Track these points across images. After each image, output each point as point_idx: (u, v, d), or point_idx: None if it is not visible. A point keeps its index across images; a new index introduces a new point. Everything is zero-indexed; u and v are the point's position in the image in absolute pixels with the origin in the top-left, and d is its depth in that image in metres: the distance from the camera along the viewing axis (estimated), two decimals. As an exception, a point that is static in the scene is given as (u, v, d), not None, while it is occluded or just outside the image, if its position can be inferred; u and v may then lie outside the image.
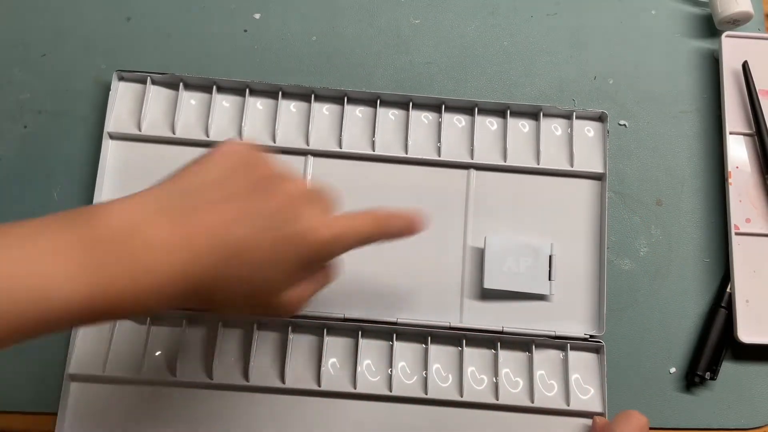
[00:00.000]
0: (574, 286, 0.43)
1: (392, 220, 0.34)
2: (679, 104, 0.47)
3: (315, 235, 0.30)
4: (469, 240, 0.43)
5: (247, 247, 0.28)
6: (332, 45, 0.47)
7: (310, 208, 0.30)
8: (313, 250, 0.30)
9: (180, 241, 0.27)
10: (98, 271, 0.25)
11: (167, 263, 0.27)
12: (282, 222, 0.29)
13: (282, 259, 0.29)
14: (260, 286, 0.30)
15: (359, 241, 0.32)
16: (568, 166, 0.44)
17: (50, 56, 0.46)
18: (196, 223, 0.28)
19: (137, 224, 0.27)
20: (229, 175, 0.30)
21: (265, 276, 0.29)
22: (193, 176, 0.29)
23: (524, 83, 0.47)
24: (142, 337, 0.41)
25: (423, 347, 0.42)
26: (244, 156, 0.31)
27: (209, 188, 0.29)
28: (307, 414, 0.41)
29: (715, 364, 0.42)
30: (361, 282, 0.43)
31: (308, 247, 0.30)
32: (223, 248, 0.28)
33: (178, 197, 0.28)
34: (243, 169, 0.30)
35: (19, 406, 0.41)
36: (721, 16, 0.46)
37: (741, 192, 0.44)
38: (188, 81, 0.44)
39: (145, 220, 0.27)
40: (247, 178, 0.30)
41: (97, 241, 0.26)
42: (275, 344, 0.42)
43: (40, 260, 0.25)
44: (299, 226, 0.29)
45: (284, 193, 0.30)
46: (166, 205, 0.28)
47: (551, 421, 0.41)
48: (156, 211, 0.27)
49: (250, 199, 0.29)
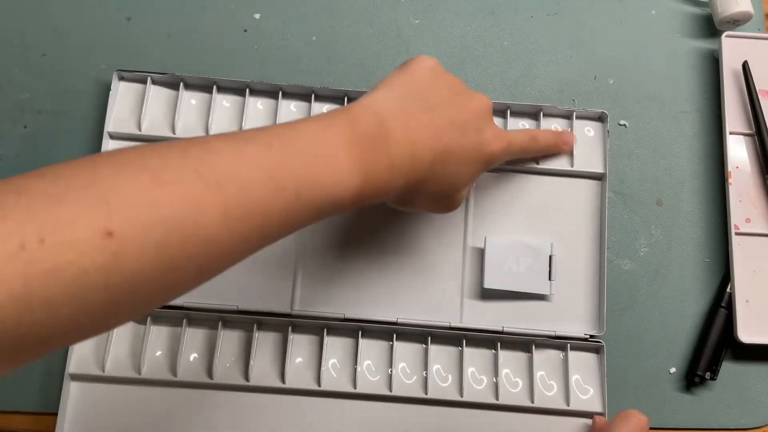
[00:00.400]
0: (574, 286, 0.43)
1: (542, 136, 0.42)
2: (679, 104, 0.47)
3: (491, 146, 0.35)
4: (469, 240, 0.43)
5: (452, 150, 0.33)
6: (332, 45, 0.47)
7: (490, 121, 0.36)
8: (489, 158, 0.36)
9: (409, 139, 0.32)
10: (366, 164, 0.30)
11: (404, 157, 0.32)
12: (474, 132, 0.34)
13: (472, 162, 0.35)
14: (455, 183, 0.35)
15: (519, 153, 0.40)
16: (568, 166, 0.44)
17: (50, 56, 0.46)
18: (416, 127, 0.32)
19: (386, 125, 0.31)
20: (433, 86, 0.34)
21: (461, 174, 0.35)
22: (408, 84, 0.34)
23: (524, 83, 0.47)
24: (142, 337, 0.41)
25: (423, 347, 0.42)
26: (439, 70, 0.35)
27: (419, 97, 0.34)
28: (307, 414, 0.41)
29: (715, 364, 0.42)
30: (361, 282, 0.43)
31: (488, 155, 0.35)
32: (438, 149, 0.33)
33: (402, 102, 0.33)
34: (441, 82, 0.35)
35: (19, 406, 0.41)
36: (721, 16, 0.46)
37: (741, 192, 0.44)
38: (188, 81, 0.44)
39: (388, 120, 0.32)
40: (447, 90, 0.35)
41: (360, 138, 0.30)
42: (275, 344, 0.42)
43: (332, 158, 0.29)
44: (483, 136, 0.35)
45: (475, 106, 0.35)
46: (396, 109, 0.32)
47: (551, 421, 0.41)
48: (393, 113, 0.32)
49: (452, 108, 0.34)
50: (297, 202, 0.28)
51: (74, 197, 0.22)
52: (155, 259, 0.24)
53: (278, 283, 0.42)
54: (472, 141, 0.34)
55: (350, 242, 0.43)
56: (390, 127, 0.31)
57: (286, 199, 0.27)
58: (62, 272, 0.21)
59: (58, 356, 0.41)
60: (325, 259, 0.43)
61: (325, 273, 0.43)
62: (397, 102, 0.33)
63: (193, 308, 0.41)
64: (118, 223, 0.22)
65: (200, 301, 0.41)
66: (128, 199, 0.23)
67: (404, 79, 0.34)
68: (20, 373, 0.41)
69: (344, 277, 0.43)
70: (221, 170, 0.26)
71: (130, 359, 0.41)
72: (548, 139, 0.43)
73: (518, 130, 0.40)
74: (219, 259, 0.26)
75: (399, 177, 0.32)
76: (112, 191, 0.23)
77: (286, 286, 0.42)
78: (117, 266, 0.23)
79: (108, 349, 0.41)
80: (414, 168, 0.32)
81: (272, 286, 0.42)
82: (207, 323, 0.42)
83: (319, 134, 0.30)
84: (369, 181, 0.31)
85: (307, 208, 0.28)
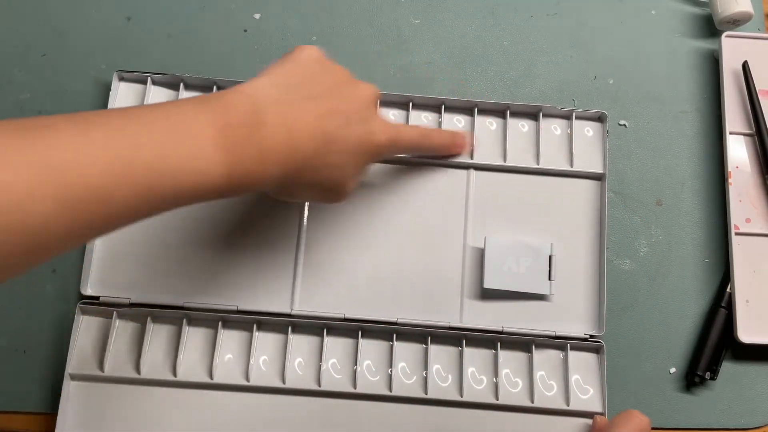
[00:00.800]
0: (574, 286, 0.43)
1: (436, 134, 0.42)
2: (679, 104, 0.47)
3: (377, 136, 0.35)
4: (469, 240, 0.43)
5: (335, 139, 0.33)
6: (332, 45, 0.47)
7: (375, 111, 0.36)
8: (375, 149, 0.35)
9: (287, 127, 0.31)
10: (234, 153, 0.29)
11: (280, 146, 0.31)
12: (359, 121, 0.34)
13: (356, 152, 0.34)
14: (340, 173, 0.34)
15: (409, 147, 0.40)
16: (568, 167, 0.44)
17: (50, 56, 0.46)
18: (307, 111, 0.32)
19: (260, 112, 0.30)
20: (316, 75, 0.34)
21: (345, 164, 0.34)
22: (291, 72, 0.33)
23: (524, 83, 0.47)
24: (142, 337, 0.41)
25: (423, 347, 0.42)
26: (323, 60, 0.35)
27: (308, 83, 0.33)
28: (307, 414, 0.41)
29: (715, 364, 0.42)
30: (361, 282, 0.43)
31: (373, 146, 0.35)
32: (325, 134, 0.32)
33: (283, 90, 0.32)
34: (325, 71, 0.34)
35: (19, 406, 0.41)
36: (721, 16, 0.46)
37: (741, 192, 0.44)
38: (188, 81, 0.44)
39: (265, 108, 0.31)
40: (331, 79, 0.34)
41: (230, 126, 0.29)
42: (275, 344, 0.42)
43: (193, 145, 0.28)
44: (369, 126, 0.35)
45: (360, 96, 0.35)
46: (276, 97, 0.32)
47: (551, 421, 0.41)
48: (272, 101, 0.31)
49: (335, 97, 0.34)
50: (148, 191, 0.27)
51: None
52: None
53: (278, 283, 0.42)
54: (357, 131, 0.34)
55: (350, 242, 0.43)
56: (266, 114, 0.31)
57: (135, 188, 0.26)
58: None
59: (58, 356, 0.41)
60: (325, 259, 0.43)
61: (325, 273, 0.43)
62: (277, 89, 0.32)
63: (193, 308, 0.41)
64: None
65: (200, 301, 0.41)
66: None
67: (287, 68, 0.33)
68: (20, 373, 0.41)
69: (344, 277, 0.43)
70: (61, 155, 0.24)
71: (130, 359, 0.41)
72: (442, 138, 0.42)
73: (411, 125, 0.40)
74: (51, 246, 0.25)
75: (273, 166, 0.31)
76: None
77: (286, 286, 0.42)
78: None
79: (108, 349, 0.41)
80: (291, 157, 0.31)
81: (272, 286, 0.42)
82: (207, 323, 0.42)
83: (183, 120, 0.28)
84: (237, 171, 0.29)
85: (161, 196, 0.27)
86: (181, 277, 0.42)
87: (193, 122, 0.28)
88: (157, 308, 0.41)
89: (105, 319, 0.41)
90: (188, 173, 0.28)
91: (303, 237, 0.43)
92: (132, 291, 0.41)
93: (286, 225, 0.43)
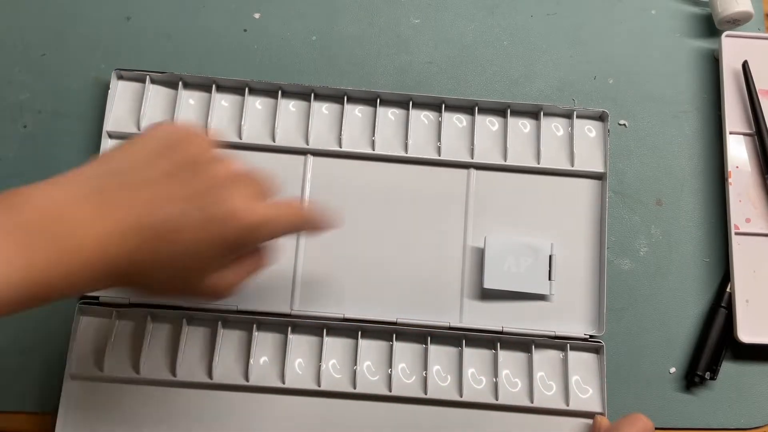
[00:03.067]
0: (574, 286, 0.43)
1: (314, 215, 0.34)
2: (679, 104, 0.47)
3: (239, 218, 0.29)
4: (469, 240, 0.43)
5: (171, 228, 0.28)
6: (332, 45, 0.47)
7: (237, 191, 0.30)
8: (238, 234, 0.30)
9: (105, 222, 0.27)
10: (30, 254, 0.25)
11: (94, 244, 0.27)
12: (208, 204, 0.29)
13: (207, 241, 0.29)
14: (186, 268, 0.30)
15: (284, 229, 0.32)
16: (568, 166, 0.44)
17: (50, 56, 0.46)
18: (120, 204, 0.28)
19: (63, 206, 0.27)
20: (155, 157, 0.30)
21: (191, 257, 0.29)
22: (120, 157, 0.30)
23: (524, 83, 0.47)
24: (141, 337, 0.41)
25: (423, 347, 0.42)
26: (172, 138, 0.30)
27: (135, 169, 0.29)
28: (307, 414, 0.41)
29: (715, 364, 0.42)
30: (361, 282, 0.42)
31: (233, 230, 0.29)
32: (148, 229, 0.28)
33: (104, 178, 0.28)
34: (170, 151, 0.30)
35: (19, 406, 0.41)
36: (721, 16, 0.46)
37: (741, 192, 0.44)
38: (187, 80, 0.44)
39: (70, 201, 0.27)
40: (173, 159, 0.30)
41: (27, 225, 0.26)
42: (275, 344, 0.42)
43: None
44: (224, 208, 0.29)
45: (210, 176, 0.30)
46: (92, 185, 0.28)
47: (551, 421, 0.41)
48: (81, 192, 0.28)
49: (176, 180, 0.29)
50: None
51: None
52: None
53: (278, 283, 0.42)
54: (208, 214, 0.29)
55: (350, 242, 0.43)
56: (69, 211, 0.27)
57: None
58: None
59: (58, 356, 0.41)
60: (325, 259, 0.43)
61: (325, 273, 0.43)
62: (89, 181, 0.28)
63: (192, 308, 0.41)
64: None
65: (200, 301, 0.41)
66: None
67: (122, 151, 0.30)
68: (20, 373, 0.41)
69: (344, 277, 0.43)
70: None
71: (129, 359, 0.41)
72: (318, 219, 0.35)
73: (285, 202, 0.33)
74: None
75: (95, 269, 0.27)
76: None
77: (285, 286, 0.42)
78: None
79: (107, 349, 0.41)
80: (121, 249, 0.28)
81: (272, 286, 0.42)
82: (207, 323, 0.42)
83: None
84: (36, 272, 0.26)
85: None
86: (181, 277, 0.42)
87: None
88: (156, 308, 0.41)
89: (104, 319, 0.41)
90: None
91: (303, 237, 0.43)
92: (132, 291, 0.41)
93: (286, 225, 0.43)
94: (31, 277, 0.25)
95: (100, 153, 0.29)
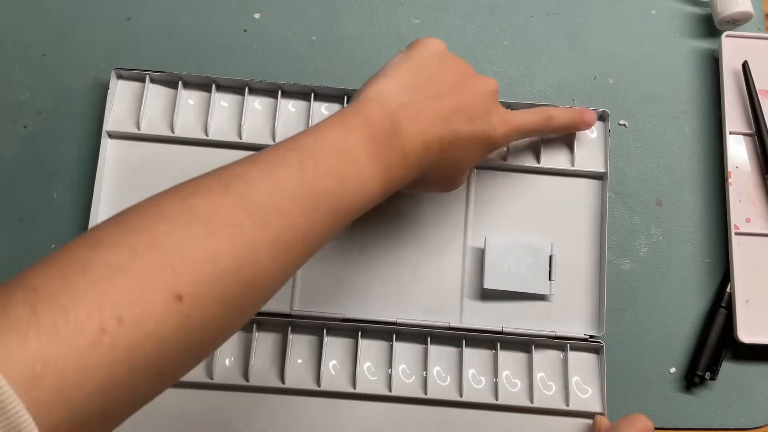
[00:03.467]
0: (574, 286, 0.43)
1: (559, 115, 0.41)
2: (679, 104, 0.47)
3: (497, 131, 0.36)
4: (469, 240, 0.43)
5: (459, 136, 0.34)
6: (332, 45, 0.47)
7: (495, 105, 0.36)
8: (494, 142, 0.36)
9: (419, 129, 0.32)
10: (385, 163, 0.31)
11: (415, 149, 0.32)
12: (479, 117, 0.35)
13: (477, 147, 0.35)
14: (460, 168, 0.36)
15: (530, 133, 0.40)
16: (568, 166, 0.44)
17: (50, 56, 0.46)
18: (425, 117, 0.33)
19: (395, 119, 0.32)
20: (439, 72, 0.35)
21: (466, 159, 0.36)
22: (411, 73, 0.34)
23: (524, 83, 0.47)
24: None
25: (423, 347, 0.42)
26: (445, 54, 0.36)
27: (426, 85, 0.34)
28: (307, 414, 0.41)
29: (715, 364, 0.42)
30: (361, 282, 0.42)
31: (492, 140, 0.36)
32: (446, 137, 0.33)
33: (410, 92, 0.33)
34: (448, 67, 0.35)
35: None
36: (721, 16, 0.46)
37: (741, 192, 0.44)
38: (187, 79, 0.44)
39: (398, 114, 0.32)
40: (451, 74, 0.35)
41: (376, 140, 0.31)
42: (275, 344, 0.42)
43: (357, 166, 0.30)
44: (490, 121, 0.35)
45: (481, 91, 0.35)
46: (405, 101, 0.33)
47: (551, 421, 0.41)
48: (401, 106, 0.32)
49: (459, 94, 0.34)
50: (335, 217, 0.29)
51: (139, 265, 0.22)
52: (221, 310, 0.24)
53: (278, 283, 0.42)
54: (478, 127, 0.35)
55: (350, 242, 0.43)
56: (401, 120, 0.32)
57: (325, 217, 0.28)
58: (142, 347, 0.22)
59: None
60: (325, 259, 0.43)
61: (325, 273, 0.43)
62: (405, 92, 0.33)
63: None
64: (185, 285, 0.23)
65: (200, 301, 0.41)
66: (190, 257, 0.23)
67: (411, 66, 0.34)
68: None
69: (344, 277, 0.43)
70: (263, 203, 0.26)
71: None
72: (565, 118, 0.41)
73: (531, 109, 0.40)
74: (270, 290, 0.27)
75: (412, 168, 0.33)
76: (174, 252, 0.23)
77: (285, 286, 0.42)
78: (189, 326, 0.23)
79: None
80: (425, 157, 0.33)
81: (272, 286, 0.42)
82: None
83: (343, 142, 0.30)
84: (389, 179, 0.31)
85: (342, 219, 0.30)
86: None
87: (350, 143, 0.30)
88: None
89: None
90: (359, 193, 0.30)
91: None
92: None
93: (286, 225, 0.43)
94: (387, 183, 0.31)
95: None
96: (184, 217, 0.24)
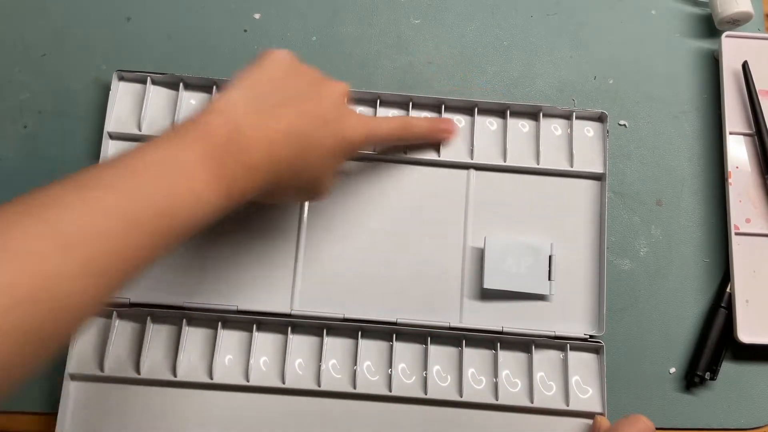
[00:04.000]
0: (574, 286, 0.43)
1: (416, 123, 0.41)
2: (679, 104, 0.47)
3: (351, 134, 0.35)
4: (469, 240, 0.43)
5: (311, 141, 0.33)
6: (332, 45, 0.47)
7: (347, 108, 0.36)
8: (352, 146, 0.36)
9: (266, 137, 0.32)
10: (225, 176, 0.30)
11: (262, 157, 0.31)
12: (332, 120, 0.35)
13: (332, 152, 0.35)
14: (318, 173, 0.35)
15: (388, 139, 0.40)
16: (568, 166, 0.44)
17: (50, 56, 0.46)
18: (272, 123, 0.32)
19: (238, 128, 0.31)
20: (285, 79, 0.34)
21: (324, 164, 0.35)
22: (258, 82, 0.34)
23: (524, 83, 0.47)
24: (141, 337, 0.41)
25: (423, 347, 0.42)
26: (291, 62, 0.35)
27: (273, 93, 0.33)
28: (308, 414, 0.41)
29: (715, 364, 0.42)
30: (361, 282, 0.43)
31: (347, 144, 0.36)
32: (295, 142, 0.33)
33: (255, 101, 0.32)
34: (294, 74, 0.35)
35: (19, 406, 0.41)
36: (721, 16, 0.46)
37: (741, 192, 0.44)
38: (188, 81, 0.44)
39: (242, 123, 0.31)
40: (300, 81, 0.35)
41: (215, 150, 0.30)
42: (275, 344, 0.42)
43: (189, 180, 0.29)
44: (343, 124, 0.35)
45: (331, 95, 0.35)
46: (249, 107, 0.32)
47: (551, 421, 0.41)
48: (246, 114, 0.32)
49: (307, 100, 0.34)
50: (162, 235, 0.27)
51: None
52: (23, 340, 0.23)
53: (278, 283, 0.42)
54: (331, 131, 0.34)
55: (350, 242, 0.43)
56: (244, 128, 0.31)
57: (149, 236, 0.27)
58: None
59: (58, 356, 0.41)
60: (324, 258, 0.43)
61: (324, 273, 0.43)
62: (250, 101, 0.32)
63: (193, 308, 0.41)
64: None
65: (200, 301, 0.41)
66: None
67: (256, 76, 0.34)
68: (20, 373, 0.41)
69: (344, 277, 0.43)
70: (72, 229, 0.25)
71: (130, 359, 0.41)
72: (422, 127, 0.42)
73: (389, 117, 0.41)
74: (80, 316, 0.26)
75: (259, 177, 0.32)
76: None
77: (285, 286, 0.42)
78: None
79: (108, 349, 0.41)
80: (273, 165, 0.32)
81: (272, 286, 0.42)
82: (207, 323, 0.42)
83: (171, 159, 0.29)
84: (232, 189, 0.30)
85: (174, 235, 0.28)
86: (181, 277, 0.42)
87: (182, 158, 0.29)
88: (156, 308, 0.41)
89: (105, 319, 0.41)
90: (191, 208, 0.29)
91: (303, 237, 0.43)
92: (131, 291, 0.41)
93: (286, 225, 0.43)
94: (228, 196, 0.30)
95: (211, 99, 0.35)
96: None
